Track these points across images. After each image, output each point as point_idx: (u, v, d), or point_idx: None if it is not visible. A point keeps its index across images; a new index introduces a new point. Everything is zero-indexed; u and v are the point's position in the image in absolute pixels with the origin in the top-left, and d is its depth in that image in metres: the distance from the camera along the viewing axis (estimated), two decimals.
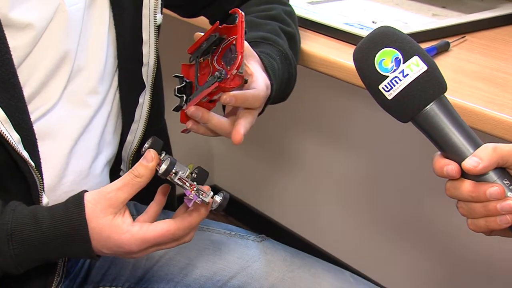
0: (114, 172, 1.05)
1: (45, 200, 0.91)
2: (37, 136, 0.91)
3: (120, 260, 1.04)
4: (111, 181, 1.02)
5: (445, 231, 1.72)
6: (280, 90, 0.99)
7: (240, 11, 0.86)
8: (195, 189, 0.83)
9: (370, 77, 0.75)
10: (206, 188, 0.85)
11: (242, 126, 0.86)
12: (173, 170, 0.84)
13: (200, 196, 0.83)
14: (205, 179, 0.86)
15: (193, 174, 0.86)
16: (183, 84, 0.89)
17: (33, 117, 0.90)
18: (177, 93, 0.88)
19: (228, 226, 1.10)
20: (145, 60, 0.99)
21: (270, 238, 1.10)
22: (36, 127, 0.91)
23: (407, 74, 0.73)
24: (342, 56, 1.13)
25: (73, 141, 0.96)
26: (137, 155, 1.01)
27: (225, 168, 2.31)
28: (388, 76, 0.74)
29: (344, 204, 1.96)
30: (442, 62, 1.14)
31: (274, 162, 2.13)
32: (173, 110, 0.89)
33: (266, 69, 0.95)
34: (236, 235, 1.09)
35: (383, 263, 1.89)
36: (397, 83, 0.74)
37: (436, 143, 0.75)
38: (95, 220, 0.84)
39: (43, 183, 0.90)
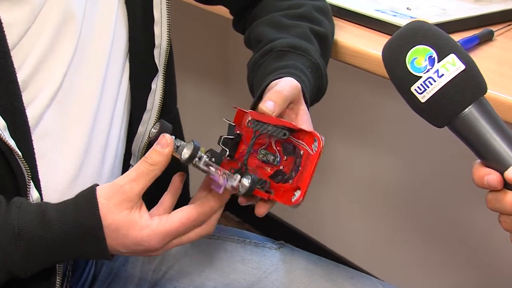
0: (123, 169, 1.05)
1: (35, 195, 0.91)
2: (41, 134, 0.91)
3: (125, 273, 1.05)
4: None
5: (484, 245, 1.71)
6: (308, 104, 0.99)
7: (320, 137, 0.84)
8: (222, 173, 0.83)
9: (401, 78, 0.75)
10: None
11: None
12: (198, 155, 0.83)
13: (229, 180, 0.83)
14: (221, 162, 0.86)
15: (208, 158, 0.85)
16: (232, 137, 0.89)
17: (30, 107, 0.90)
18: (222, 143, 0.89)
19: (243, 233, 1.11)
20: (157, 41, 1.00)
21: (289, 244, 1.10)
22: (39, 123, 0.91)
23: (443, 74, 0.73)
24: (372, 46, 1.13)
25: (85, 137, 0.96)
26: (149, 148, 1.01)
27: None
28: (421, 77, 0.74)
29: (369, 209, 1.96)
30: (485, 53, 1.13)
31: None
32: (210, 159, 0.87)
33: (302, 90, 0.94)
34: (251, 242, 1.09)
35: (410, 273, 1.90)
36: (431, 84, 0.74)
37: (476, 150, 0.75)
38: (110, 216, 0.83)
39: (31, 175, 0.90)
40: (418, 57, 0.74)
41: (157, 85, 1.02)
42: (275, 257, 1.06)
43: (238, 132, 0.90)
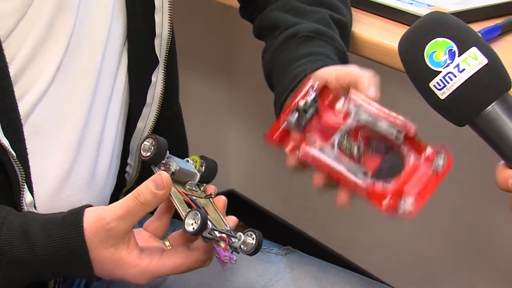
0: (120, 168, 1.05)
1: (28, 198, 0.91)
2: (32, 132, 0.91)
3: (121, 284, 1.03)
4: (117, 181, 1.03)
5: (509, 250, 1.70)
6: None
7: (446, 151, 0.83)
8: (228, 243, 0.81)
9: (419, 73, 0.74)
10: (211, 189, 0.84)
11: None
12: (208, 226, 0.81)
13: (233, 245, 0.81)
14: (215, 173, 0.86)
15: (202, 167, 0.85)
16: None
17: (22, 103, 0.90)
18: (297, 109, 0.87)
19: None
20: (158, 30, 1.00)
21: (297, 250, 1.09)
22: (30, 119, 0.91)
23: (464, 69, 0.73)
24: (387, 37, 1.13)
25: (77, 134, 0.96)
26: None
27: (244, 169, 2.30)
28: (440, 72, 0.73)
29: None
30: (508, 45, 1.12)
31: None
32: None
33: None
34: None
35: (426, 282, 1.89)
36: (452, 80, 0.73)
37: (499, 150, 0.75)
38: (95, 251, 0.83)
39: (25, 177, 0.90)
40: (437, 51, 0.73)
41: (158, 77, 1.01)
42: (282, 264, 1.05)
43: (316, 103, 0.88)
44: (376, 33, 1.15)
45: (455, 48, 0.73)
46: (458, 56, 0.73)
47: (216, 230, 0.82)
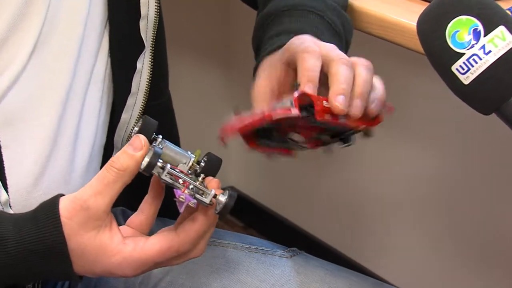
0: (102, 164, 1.05)
1: (3, 197, 0.91)
2: (3, 122, 0.91)
3: (107, 285, 1.04)
4: None
5: None
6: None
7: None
8: (190, 186, 0.82)
9: (440, 55, 0.74)
10: (214, 183, 0.84)
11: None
12: (159, 164, 0.82)
13: (197, 195, 0.82)
14: (218, 169, 0.86)
15: (201, 163, 0.85)
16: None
17: None
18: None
19: (248, 239, 1.10)
20: (143, 11, 0.99)
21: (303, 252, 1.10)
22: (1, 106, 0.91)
23: (490, 51, 0.73)
24: (403, 15, 1.12)
25: (53, 123, 0.95)
26: None
27: (246, 165, 2.30)
28: (464, 54, 0.73)
29: (401, 213, 1.96)
30: None
31: (309, 158, 2.12)
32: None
33: None
34: (258, 250, 1.08)
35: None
36: (477, 62, 0.73)
37: None
38: (75, 239, 0.82)
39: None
40: (460, 30, 0.73)
41: (144, 64, 1.01)
42: (287, 267, 1.05)
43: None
44: (390, 10, 1.15)
45: (480, 27, 0.73)
46: (484, 36, 0.73)
47: (180, 177, 0.82)
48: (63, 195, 0.85)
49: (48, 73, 0.95)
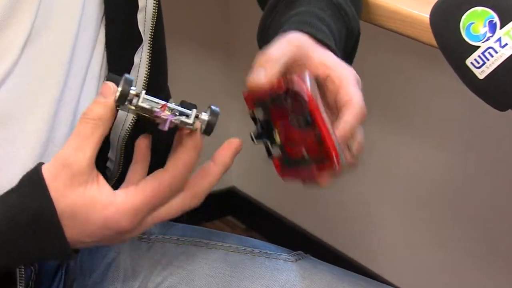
0: (99, 162, 1.03)
1: None
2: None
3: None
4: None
5: None
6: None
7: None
8: (169, 106, 0.82)
9: (454, 48, 0.75)
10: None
11: None
12: (133, 92, 0.82)
13: (178, 116, 0.82)
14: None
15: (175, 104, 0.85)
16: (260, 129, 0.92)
17: None
18: (256, 138, 0.92)
19: (250, 241, 1.10)
20: (141, 3, 0.99)
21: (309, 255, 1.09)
22: None
23: (506, 44, 0.73)
24: (415, 6, 1.12)
25: (47, 120, 0.95)
26: (132, 137, 1.01)
27: (246, 164, 2.29)
28: (479, 47, 0.74)
29: (407, 213, 1.96)
30: None
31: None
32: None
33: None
34: (261, 253, 1.08)
35: None
36: (492, 56, 0.73)
37: None
38: (63, 200, 0.82)
39: None
40: (475, 22, 0.74)
41: (142, 58, 1.01)
42: (292, 272, 1.05)
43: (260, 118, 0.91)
44: (401, 1, 1.14)
45: (496, 19, 0.73)
46: (500, 28, 0.73)
47: (158, 102, 0.82)
48: (43, 163, 0.85)
49: (42, 69, 0.95)
